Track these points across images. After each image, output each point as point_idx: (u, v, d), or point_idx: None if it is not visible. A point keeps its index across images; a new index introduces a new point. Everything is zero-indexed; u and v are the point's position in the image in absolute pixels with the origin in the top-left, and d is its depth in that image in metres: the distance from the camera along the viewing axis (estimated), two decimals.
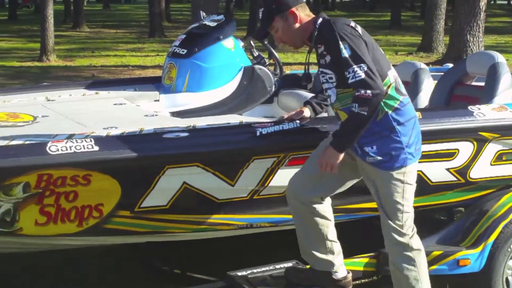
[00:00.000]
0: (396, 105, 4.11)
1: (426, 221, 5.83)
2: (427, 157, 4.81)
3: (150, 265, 5.32)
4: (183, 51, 5.81)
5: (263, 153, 4.35)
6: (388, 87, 4.07)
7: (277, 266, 4.49)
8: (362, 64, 3.92)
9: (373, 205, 4.80)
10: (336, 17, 4.13)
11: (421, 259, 4.29)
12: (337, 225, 4.89)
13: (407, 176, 4.17)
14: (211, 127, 4.50)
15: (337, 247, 4.44)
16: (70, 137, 4.19)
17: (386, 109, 4.08)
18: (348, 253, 4.63)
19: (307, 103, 4.68)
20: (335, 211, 4.66)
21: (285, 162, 4.42)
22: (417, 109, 4.97)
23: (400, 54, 21.96)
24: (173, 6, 51.33)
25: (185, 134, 4.22)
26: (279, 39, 4.30)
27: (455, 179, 5.07)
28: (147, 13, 34.76)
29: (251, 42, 6.37)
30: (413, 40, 26.53)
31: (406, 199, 4.20)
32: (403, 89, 4.23)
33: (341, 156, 4.07)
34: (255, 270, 4.49)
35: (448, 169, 5.01)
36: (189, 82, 5.70)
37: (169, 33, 31.31)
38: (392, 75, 4.16)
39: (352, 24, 4.07)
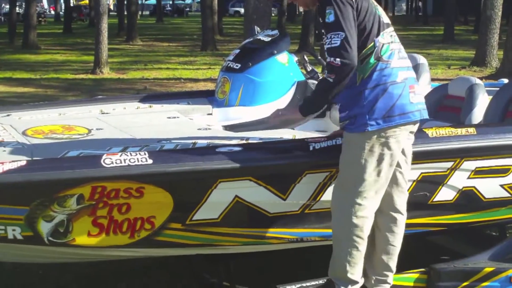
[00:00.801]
0: (369, 72, 4.11)
1: (478, 238, 5.80)
2: (480, 173, 4.78)
3: (199, 277, 5.33)
4: (237, 66, 5.83)
5: (315, 168, 4.35)
6: (369, 55, 4.09)
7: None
8: (341, 32, 3.95)
9: (423, 220, 4.79)
10: None
11: (361, 246, 4.27)
12: None
13: (367, 143, 4.14)
14: (264, 142, 4.52)
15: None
16: (124, 150, 4.25)
17: (361, 75, 4.11)
18: (398, 268, 4.61)
19: None
20: None
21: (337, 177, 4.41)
22: (471, 125, 4.95)
23: (453, 68, 21.78)
24: (225, 20, 51.64)
25: (238, 148, 4.23)
26: None
27: (508, 195, 5.02)
28: (199, 27, 35.03)
29: (305, 57, 6.37)
30: (467, 54, 26.28)
31: (364, 167, 4.16)
32: (386, 54, 4.17)
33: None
34: (304, 284, 4.48)
35: (502, 185, 4.96)
36: (242, 96, 5.71)
37: (221, 46, 31.51)
38: (379, 42, 4.14)
39: None
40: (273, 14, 28.34)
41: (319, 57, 6.40)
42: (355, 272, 4.31)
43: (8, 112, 5.67)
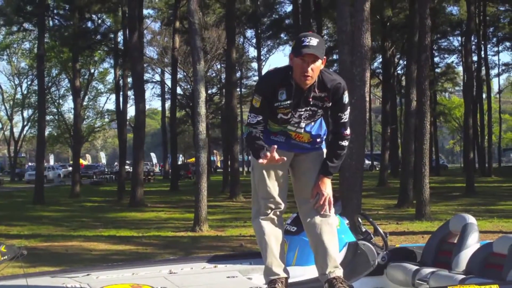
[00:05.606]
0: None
1: None
2: None
3: None
4: (293, 229, 6.40)
5: None
6: None
7: None
8: (348, 110, 5.40)
9: None
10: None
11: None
12: None
13: None
14: None
15: None
16: None
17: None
18: None
19: None
20: None
21: None
22: (496, 282, 5.27)
23: None
24: None
25: None
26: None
27: None
28: None
29: (359, 219, 6.88)
30: None
31: None
32: None
33: None
34: None
35: None
36: (298, 256, 6.23)
37: None
38: None
39: None
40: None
41: (371, 219, 6.90)
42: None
43: (88, 272, 6.32)
